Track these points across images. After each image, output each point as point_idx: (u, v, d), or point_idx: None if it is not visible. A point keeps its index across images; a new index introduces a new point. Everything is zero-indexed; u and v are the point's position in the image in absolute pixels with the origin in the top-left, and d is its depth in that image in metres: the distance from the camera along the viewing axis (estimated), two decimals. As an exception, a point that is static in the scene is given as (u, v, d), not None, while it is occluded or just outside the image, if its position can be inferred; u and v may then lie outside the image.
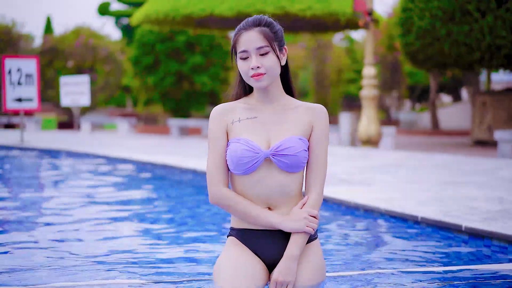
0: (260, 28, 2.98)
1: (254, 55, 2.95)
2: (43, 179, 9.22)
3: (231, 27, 19.48)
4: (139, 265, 3.95)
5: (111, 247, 4.53)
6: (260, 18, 3.02)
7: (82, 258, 4.16)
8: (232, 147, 2.97)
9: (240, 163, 2.95)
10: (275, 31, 3.02)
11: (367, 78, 13.90)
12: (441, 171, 8.70)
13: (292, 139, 2.99)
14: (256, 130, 3.03)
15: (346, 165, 9.57)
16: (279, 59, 3.01)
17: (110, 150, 12.18)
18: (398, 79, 27.30)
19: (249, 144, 2.96)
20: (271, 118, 3.06)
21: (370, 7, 13.47)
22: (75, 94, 18.50)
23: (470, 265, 4.04)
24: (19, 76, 13.97)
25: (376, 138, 13.76)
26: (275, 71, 2.99)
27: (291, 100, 3.14)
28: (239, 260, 3.00)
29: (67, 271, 3.76)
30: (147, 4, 18.11)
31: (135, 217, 5.88)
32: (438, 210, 5.43)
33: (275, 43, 3.00)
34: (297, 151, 2.97)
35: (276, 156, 2.96)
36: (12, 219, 5.73)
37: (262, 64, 2.95)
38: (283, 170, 2.98)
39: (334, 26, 18.51)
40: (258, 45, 2.94)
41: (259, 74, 2.95)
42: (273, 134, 3.03)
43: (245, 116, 3.05)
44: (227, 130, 3.04)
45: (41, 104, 42.80)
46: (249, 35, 2.96)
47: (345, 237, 5.08)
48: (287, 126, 3.05)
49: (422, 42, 14.08)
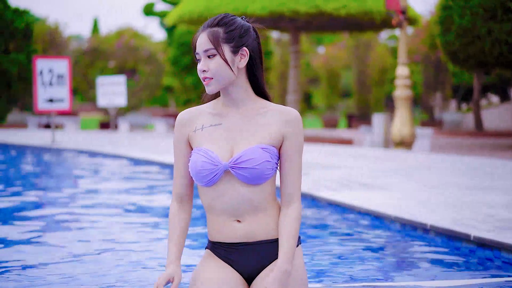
0: (211, 29, 2.81)
1: (203, 58, 2.81)
2: (62, 179, 9.19)
3: (265, 26, 19.30)
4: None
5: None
6: (217, 17, 2.84)
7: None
8: (193, 158, 2.84)
9: (199, 175, 2.82)
10: (229, 31, 2.81)
11: (400, 78, 13.59)
12: (468, 175, 8.40)
13: (254, 150, 2.81)
14: (219, 139, 2.87)
15: (371, 168, 9.32)
16: (227, 63, 2.79)
17: (134, 151, 12.14)
18: (442, 79, 26.78)
19: (208, 155, 2.81)
20: (236, 124, 2.89)
21: (404, 5, 13.14)
22: (112, 94, 18.52)
23: (475, 279, 3.86)
24: (50, 76, 14.02)
25: (410, 140, 13.42)
26: (222, 75, 2.81)
27: (261, 104, 2.94)
28: (213, 273, 2.88)
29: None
30: (182, 4, 18.10)
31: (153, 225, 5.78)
32: (450, 217, 5.19)
33: (227, 45, 2.80)
34: (257, 163, 2.79)
35: (235, 168, 2.80)
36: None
37: (209, 68, 2.79)
38: (245, 182, 2.81)
39: (369, 25, 18.18)
40: (204, 48, 2.80)
41: (206, 78, 2.80)
42: (237, 142, 2.87)
43: (209, 123, 2.90)
44: (188, 139, 2.91)
45: (82, 104, 43.33)
46: (200, 37, 2.82)
47: (350, 244, 4.92)
48: (253, 133, 2.87)
49: (462, 40, 13.73)
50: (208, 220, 2.92)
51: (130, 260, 4.32)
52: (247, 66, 2.88)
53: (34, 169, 10.74)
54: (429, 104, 29.51)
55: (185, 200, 2.95)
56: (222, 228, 2.89)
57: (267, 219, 2.88)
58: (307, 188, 6.91)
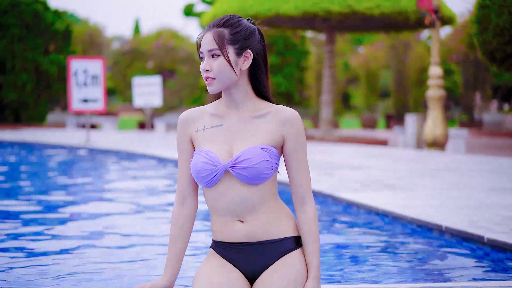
0: (216, 29, 2.84)
1: (207, 57, 2.84)
2: (90, 176, 9.32)
3: (299, 26, 19.30)
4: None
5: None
6: (223, 18, 2.87)
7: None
8: (194, 159, 2.87)
9: (200, 176, 2.85)
10: (234, 32, 2.84)
11: (433, 78, 13.43)
12: (495, 177, 8.27)
13: (252, 150, 2.83)
14: (219, 140, 2.89)
15: (398, 168, 9.25)
16: (230, 64, 2.81)
17: (163, 150, 12.23)
18: (482, 79, 26.38)
19: (209, 156, 2.84)
20: (236, 125, 2.91)
21: (437, 4, 12.98)
22: (148, 94, 18.71)
23: (486, 281, 3.82)
24: (85, 77, 14.22)
25: (443, 141, 13.24)
26: (225, 76, 2.83)
27: (261, 105, 2.95)
28: (216, 273, 2.89)
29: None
30: (216, 5, 18.19)
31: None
32: (467, 219, 5.12)
33: (231, 46, 2.82)
34: (256, 163, 2.81)
35: (234, 168, 2.82)
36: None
37: (212, 68, 2.81)
38: (245, 182, 2.83)
39: (404, 25, 18.00)
40: (209, 48, 2.82)
41: (208, 78, 2.82)
42: (237, 143, 2.89)
43: (210, 124, 2.93)
44: (191, 139, 2.94)
45: (123, 105, 43.76)
46: (205, 36, 2.84)
47: (361, 245, 4.90)
48: (252, 134, 2.89)
49: (500, 40, 13.48)
50: (211, 220, 2.95)
51: (156, 253, 4.42)
52: (250, 68, 2.91)
53: (63, 167, 10.93)
54: (469, 105, 29.11)
55: (188, 199, 2.97)
56: (224, 228, 2.91)
57: (269, 220, 2.90)
58: (327, 188, 6.89)
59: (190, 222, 2.98)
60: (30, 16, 24.17)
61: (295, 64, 25.46)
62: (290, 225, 2.94)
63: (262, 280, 2.88)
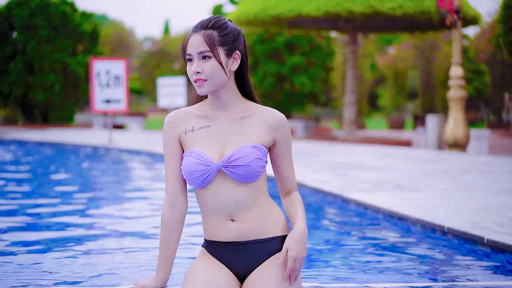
0: (205, 31, 2.85)
1: (196, 59, 2.84)
2: (113, 177, 9.44)
3: (322, 27, 19.26)
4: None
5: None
6: (210, 19, 2.89)
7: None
8: (185, 160, 2.89)
9: (192, 177, 2.86)
10: (224, 34, 2.87)
11: (454, 78, 13.32)
12: (509, 178, 8.19)
13: (245, 149, 2.86)
14: (210, 141, 2.92)
15: (412, 169, 9.21)
16: (222, 65, 2.86)
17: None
18: (509, 79, 26.06)
19: (201, 157, 2.86)
20: (225, 126, 2.94)
21: (458, 4, 12.88)
22: (172, 95, 18.79)
23: (485, 282, 3.81)
24: (107, 78, 14.38)
25: (464, 142, 13.14)
26: (216, 78, 2.85)
27: (248, 106, 2.99)
28: (207, 272, 2.92)
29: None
30: (239, 6, 18.24)
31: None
32: (471, 220, 5.10)
33: (221, 48, 2.86)
34: (250, 161, 2.84)
35: (228, 167, 2.85)
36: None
37: (203, 70, 2.83)
38: (238, 181, 2.86)
39: (428, 25, 17.88)
40: (199, 50, 2.83)
41: (199, 79, 2.83)
42: (228, 143, 2.91)
43: (199, 125, 2.95)
44: (179, 140, 2.96)
45: (152, 105, 44.05)
46: (193, 38, 2.85)
47: (364, 244, 4.91)
48: (242, 134, 2.92)
49: (526, 40, 13.35)
50: (203, 219, 2.98)
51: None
52: (237, 69, 2.95)
53: (79, 167, 11.08)
54: (497, 105, 28.77)
55: (178, 200, 2.98)
56: (216, 227, 2.94)
57: (261, 219, 2.93)
58: (337, 189, 6.90)
59: (180, 224, 3.00)
60: (58, 18, 24.49)
61: (320, 64, 25.40)
62: (281, 224, 2.97)
63: (252, 279, 2.90)
